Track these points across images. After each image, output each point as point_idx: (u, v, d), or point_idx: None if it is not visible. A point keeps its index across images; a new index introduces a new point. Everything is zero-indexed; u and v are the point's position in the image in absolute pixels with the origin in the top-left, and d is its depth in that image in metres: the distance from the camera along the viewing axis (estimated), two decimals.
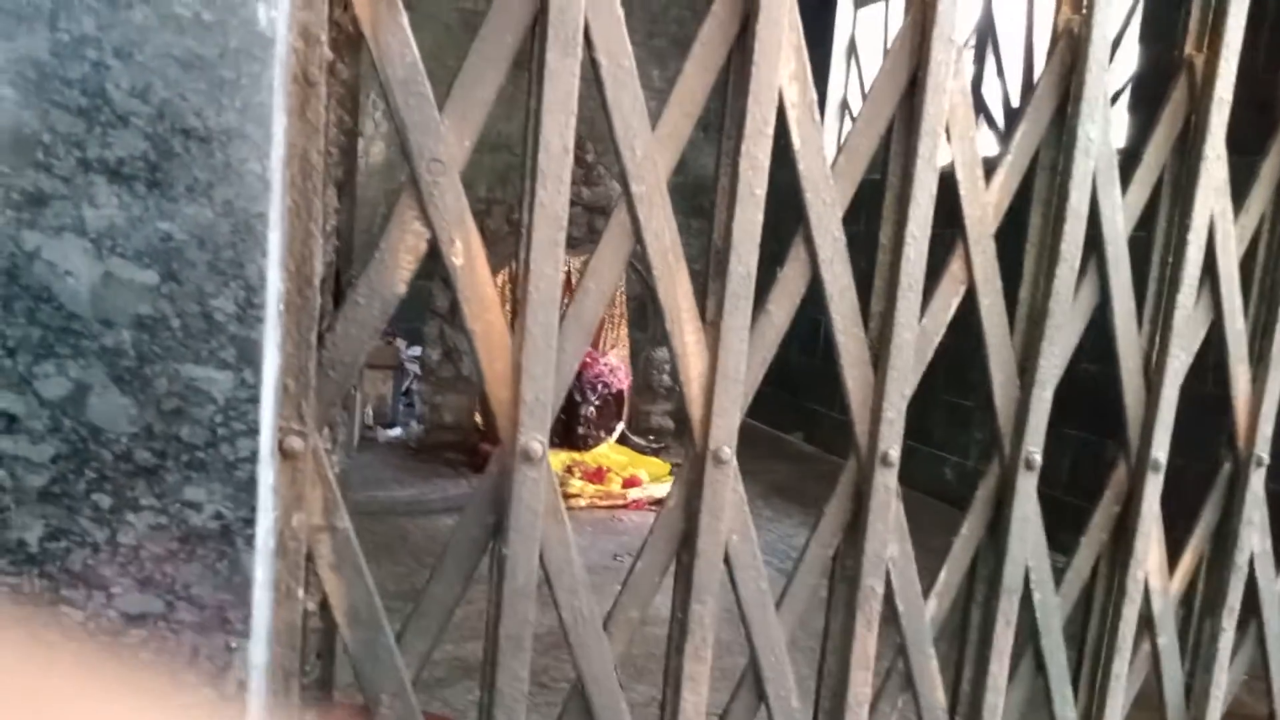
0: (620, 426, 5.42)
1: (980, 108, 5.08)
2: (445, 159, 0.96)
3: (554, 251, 1.01)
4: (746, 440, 1.21)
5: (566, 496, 4.52)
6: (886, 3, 5.72)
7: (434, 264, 0.94)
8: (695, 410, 1.13)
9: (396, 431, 5.35)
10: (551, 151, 0.99)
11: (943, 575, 1.33)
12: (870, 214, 1.18)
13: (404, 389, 5.63)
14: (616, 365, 5.33)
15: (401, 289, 0.97)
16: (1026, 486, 1.32)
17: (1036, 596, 1.37)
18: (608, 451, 5.14)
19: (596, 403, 5.24)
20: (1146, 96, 4.06)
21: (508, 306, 1.02)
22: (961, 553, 1.34)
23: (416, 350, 5.51)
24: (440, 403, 5.05)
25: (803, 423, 6.61)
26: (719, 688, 1.20)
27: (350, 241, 1.03)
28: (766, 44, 1.06)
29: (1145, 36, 4.11)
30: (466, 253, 0.98)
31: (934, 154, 1.18)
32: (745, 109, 1.08)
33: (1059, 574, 1.41)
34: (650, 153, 1.05)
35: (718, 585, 1.15)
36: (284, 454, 0.92)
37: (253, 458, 0.82)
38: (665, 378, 5.50)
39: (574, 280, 5.17)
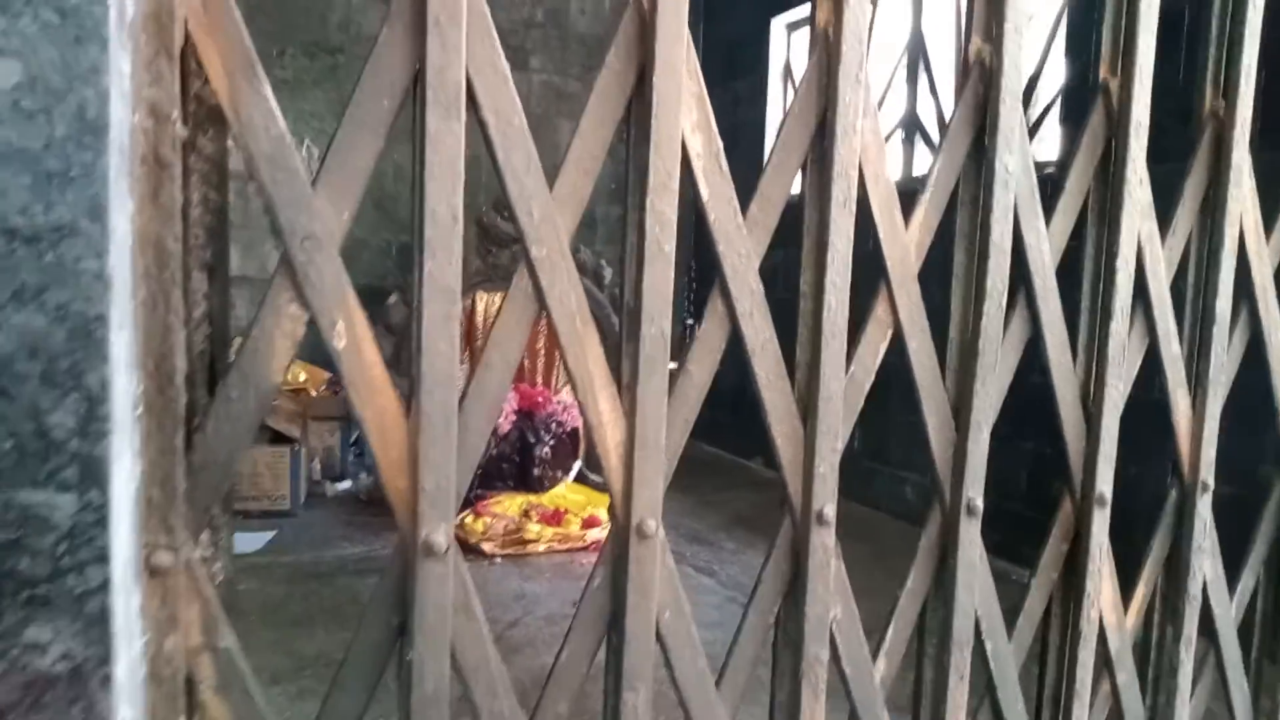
0: (577, 465, 5.32)
1: (916, 127, 5.12)
2: (321, 235, 0.89)
3: (448, 327, 0.94)
4: (707, 469, 1.16)
5: (524, 542, 4.42)
6: None
7: (374, 308, 0.86)
8: (615, 482, 1.07)
9: (346, 484, 5.20)
10: (439, 221, 0.92)
11: (890, 632, 1.27)
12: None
13: (352, 439, 5.48)
14: (570, 403, 5.24)
15: (279, 378, 0.89)
16: (970, 533, 1.27)
17: (989, 646, 1.32)
18: (565, 492, 5.03)
19: (551, 442, 5.14)
20: (1077, 110, 4.11)
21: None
22: (908, 607, 1.28)
23: None
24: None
25: (763, 448, 6.58)
26: None
27: (225, 327, 0.95)
28: (665, 94, 1.01)
29: (1071, 50, 4.17)
30: (350, 334, 0.91)
31: (849, 197, 1.13)
32: (647, 162, 1.02)
33: (1010, 619, 1.36)
34: (549, 214, 0.99)
35: (651, 670, 1.08)
36: (151, 572, 0.83)
37: (104, 587, 0.73)
38: None
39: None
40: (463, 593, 0.98)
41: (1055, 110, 4.31)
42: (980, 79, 1.22)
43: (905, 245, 1.20)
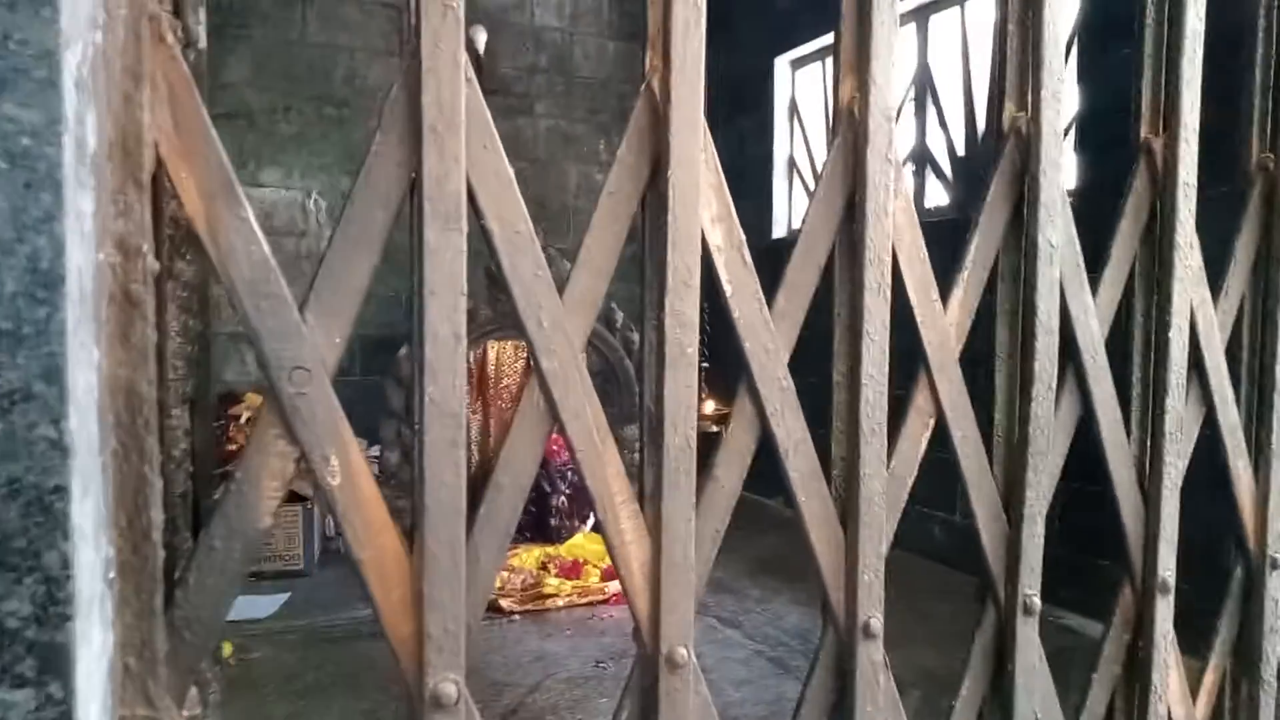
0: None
1: (926, 159, 5.05)
2: (312, 365, 0.81)
3: (453, 454, 0.85)
4: None
5: (543, 597, 4.32)
6: (824, 63, 5.73)
7: (387, 360, 0.80)
8: (640, 606, 0.98)
9: None
10: (441, 342, 0.84)
11: None
12: None
13: None
14: None
15: (267, 521, 0.81)
16: (1028, 634, 1.17)
17: None
18: (583, 541, 4.93)
19: (567, 491, 5.05)
20: (1092, 135, 4.03)
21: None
22: (963, 716, 1.18)
23: (375, 451, 5.30)
24: (403, 507, 4.81)
25: (784, 486, 6.44)
26: None
27: (209, 462, 0.87)
28: (682, 188, 0.93)
29: (1083, 75, 4.09)
30: (345, 469, 0.83)
31: (883, 284, 1.05)
32: (666, 261, 0.94)
33: (1065, 708, 1.25)
34: (559, 323, 0.91)
35: None
36: None
37: None
38: (635, 456, 5.34)
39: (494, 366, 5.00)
40: None
41: (1069, 137, 4.24)
42: (1017, 148, 1.14)
43: (945, 329, 1.11)
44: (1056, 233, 1.14)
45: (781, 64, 6.00)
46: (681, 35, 0.91)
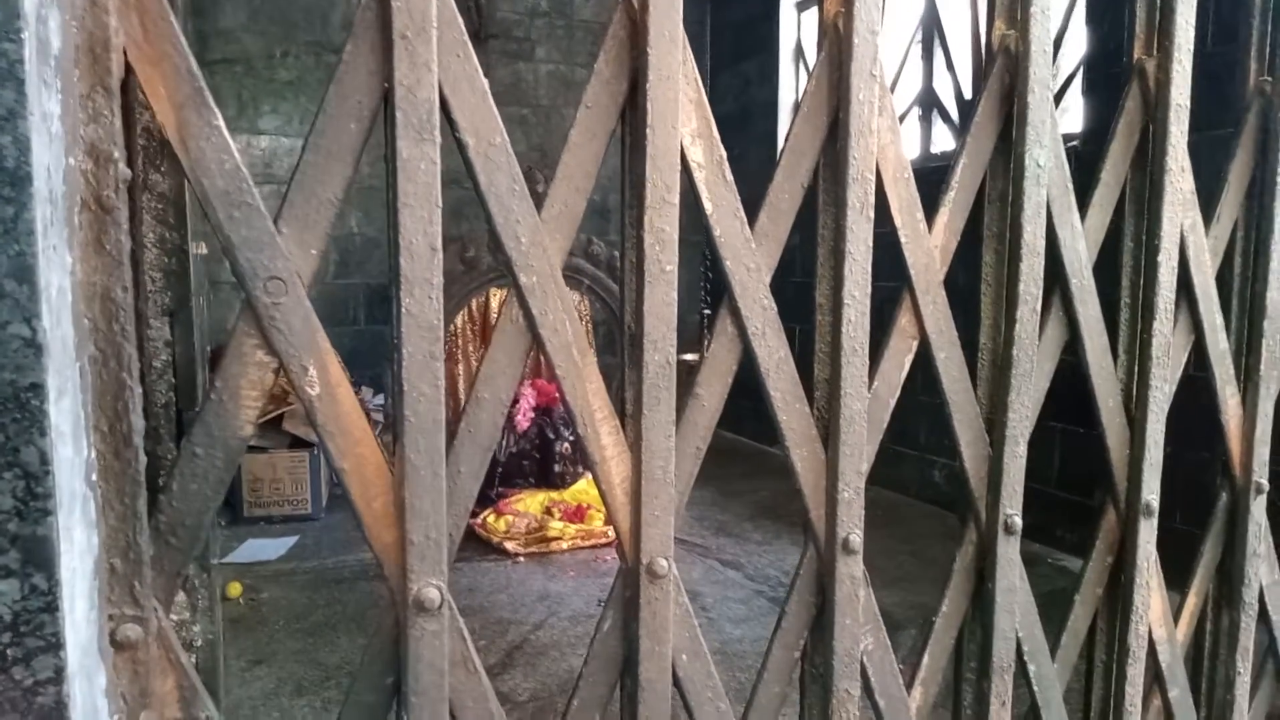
0: None
1: (933, 104, 4.98)
2: (286, 276, 0.81)
3: (430, 366, 0.86)
4: (731, 457, 1.08)
5: (547, 540, 4.37)
6: None
7: (389, 310, 0.82)
8: (622, 520, 0.99)
9: None
10: (416, 253, 0.84)
11: (925, 660, 1.19)
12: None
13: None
14: None
15: (249, 430, 0.82)
16: (1008, 552, 1.19)
17: (1032, 669, 1.24)
18: (586, 487, 4.97)
19: (571, 438, 5.08)
20: (1100, 80, 3.96)
21: (468, 349, 0.87)
22: (944, 632, 1.20)
23: (381, 399, 5.34)
24: None
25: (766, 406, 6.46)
26: None
27: (192, 374, 0.88)
28: (661, 103, 0.93)
29: (1092, 16, 4.01)
30: (323, 379, 0.84)
31: (866, 202, 1.04)
32: (644, 177, 0.94)
33: (1048, 604, 1.27)
34: (538, 239, 0.91)
35: (668, 716, 1.01)
36: (118, 646, 0.77)
37: (57, 677, 0.67)
38: None
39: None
40: (460, 646, 0.91)
41: (1077, 80, 4.16)
42: (1005, 67, 1.13)
43: (929, 250, 1.11)
44: (1044, 153, 1.13)
45: (786, 6, 5.89)
46: None
